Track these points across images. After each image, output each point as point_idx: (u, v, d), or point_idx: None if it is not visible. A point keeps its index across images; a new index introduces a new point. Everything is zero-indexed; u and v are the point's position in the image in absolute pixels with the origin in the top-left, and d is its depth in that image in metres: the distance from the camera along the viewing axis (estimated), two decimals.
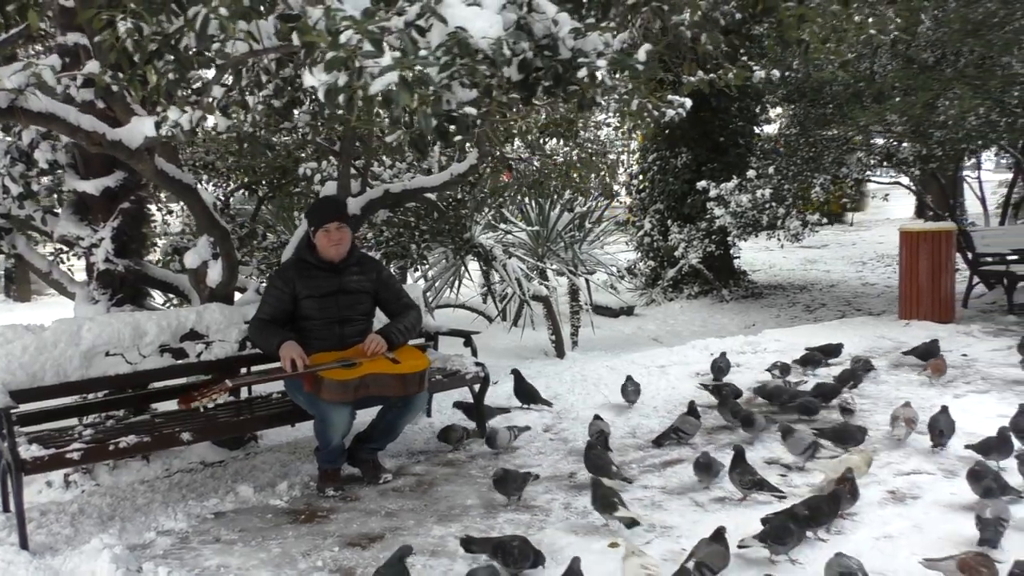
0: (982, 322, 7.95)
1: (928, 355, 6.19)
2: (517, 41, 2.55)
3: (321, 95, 2.09)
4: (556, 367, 7.22)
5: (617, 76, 3.64)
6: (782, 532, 3.23)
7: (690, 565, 3.04)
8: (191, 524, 3.89)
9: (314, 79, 2.10)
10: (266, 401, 4.61)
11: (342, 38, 1.99)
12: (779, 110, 11.44)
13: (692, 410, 4.88)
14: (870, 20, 4.34)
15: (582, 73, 2.70)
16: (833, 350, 6.47)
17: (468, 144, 4.90)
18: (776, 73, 4.54)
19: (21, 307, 12.98)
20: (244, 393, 4.70)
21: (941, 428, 4.47)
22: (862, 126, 7.70)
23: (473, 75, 2.23)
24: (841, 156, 8.60)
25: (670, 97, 4.78)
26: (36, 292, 13.80)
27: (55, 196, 4.98)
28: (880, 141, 8.63)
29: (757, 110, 11.14)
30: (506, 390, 6.00)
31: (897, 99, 7.38)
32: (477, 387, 4.99)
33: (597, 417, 4.85)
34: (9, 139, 4.58)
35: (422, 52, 2.05)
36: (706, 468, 4.05)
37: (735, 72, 4.53)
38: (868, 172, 9.21)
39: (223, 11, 2.19)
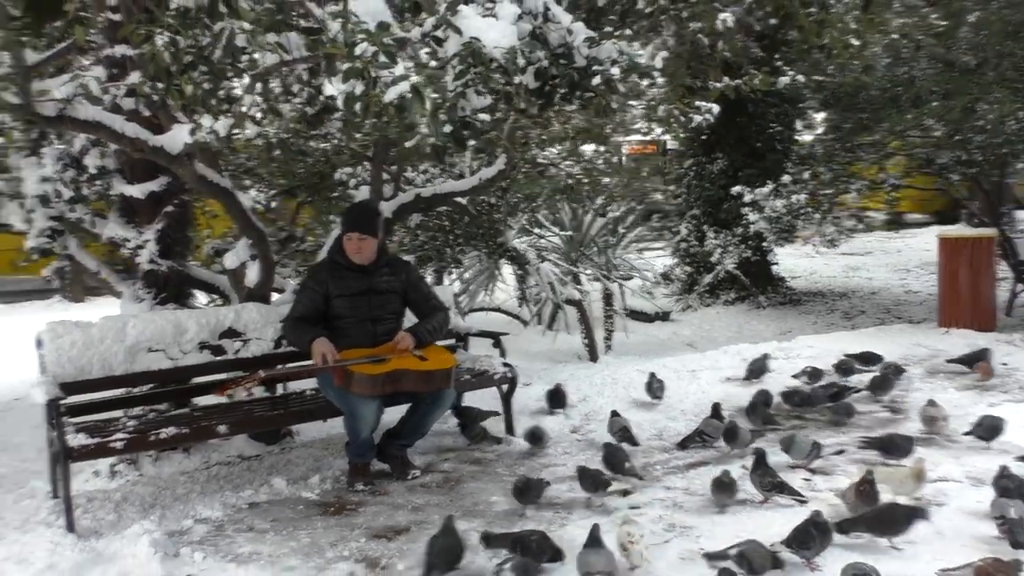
0: None
1: (975, 362, 6.15)
2: (532, 50, 2.66)
3: (340, 103, 2.23)
4: (588, 370, 7.27)
5: (644, 83, 3.74)
6: (805, 537, 3.26)
7: (732, 552, 3.13)
8: (227, 513, 4.06)
9: (334, 88, 2.24)
10: (300, 397, 4.78)
11: (357, 50, 2.12)
12: (823, 115, 11.36)
13: (716, 413, 4.92)
14: (904, 23, 4.35)
15: (596, 80, 2.79)
16: (871, 358, 6.43)
17: (498, 149, 5.02)
18: (801, 78, 4.58)
19: (76, 307, 13.42)
20: (280, 389, 4.88)
21: (983, 422, 4.47)
22: (898, 131, 7.63)
23: (487, 83, 2.34)
24: (878, 161, 8.52)
25: (698, 103, 4.85)
26: (89, 294, 14.28)
27: (104, 200, 5.20)
28: (919, 146, 8.53)
29: (795, 115, 11.05)
30: (534, 393, 6.10)
31: (935, 103, 7.30)
32: (505, 387, 5.10)
33: (615, 414, 4.93)
34: (61, 146, 4.82)
35: (432, 63, 2.16)
36: (727, 488, 3.89)
37: (760, 78, 4.58)
38: (906, 178, 9.10)
39: (246, 25, 2.33)
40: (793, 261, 15.23)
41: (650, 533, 3.61)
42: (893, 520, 3.41)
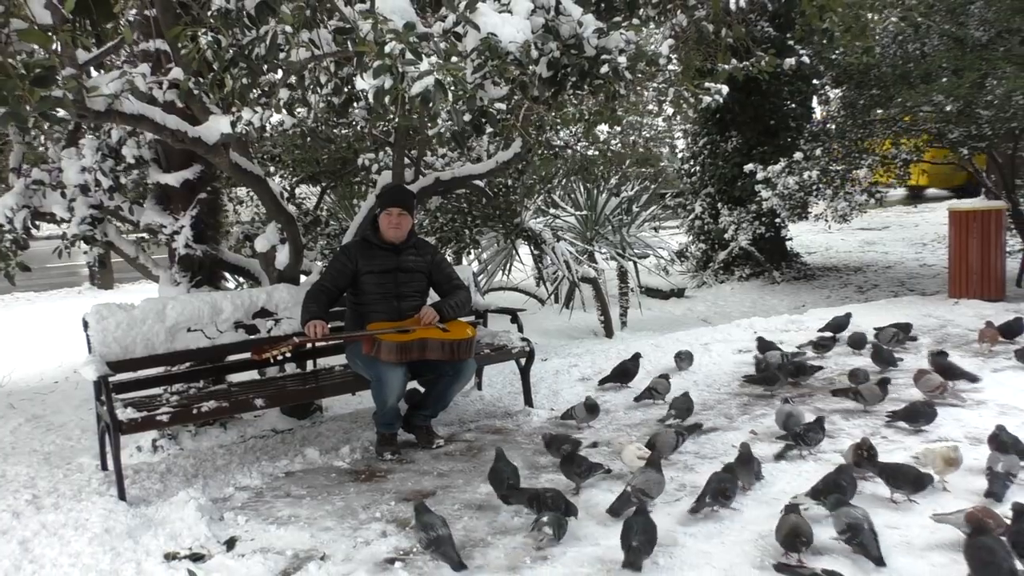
0: None
1: (1012, 333, 6.29)
2: (545, 42, 2.86)
3: (371, 97, 2.44)
4: (603, 346, 7.52)
5: (653, 68, 3.92)
6: (836, 489, 3.44)
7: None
8: (265, 482, 4.33)
9: (365, 83, 2.45)
10: (329, 372, 5.03)
11: (386, 48, 2.33)
12: (837, 92, 11.44)
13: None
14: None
15: (605, 69, 2.99)
16: (840, 324, 6.71)
17: (515, 134, 5.21)
18: (807, 59, 4.73)
19: (105, 295, 13.78)
20: (310, 365, 5.14)
21: None
22: (909, 107, 7.75)
23: (503, 74, 2.54)
24: (890, 137, 8.63)
25: (707, 84, 5.02)
26: (118, 281, 14.65)
27: (140, 188, 5.45)
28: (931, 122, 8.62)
29: (810, 93, 11.14)
30: (552, 367, 6.34)
31: (944, 80, 7.41)
32: (523, 361, 5.33)
33: (663, 376, 5.40)
34: (100, 137, 5.06)
35: (453, 58, 2.37)
36: (747, 462, 3.85)
37: (767, 60, 4.75)
38: (917, 154, 9.22)
39: (288, 28, 2.56)
40: (810, 237, 15.35)
41: (663, 493, 3.84)
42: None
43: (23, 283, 13.29)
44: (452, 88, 2.41)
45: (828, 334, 6.61)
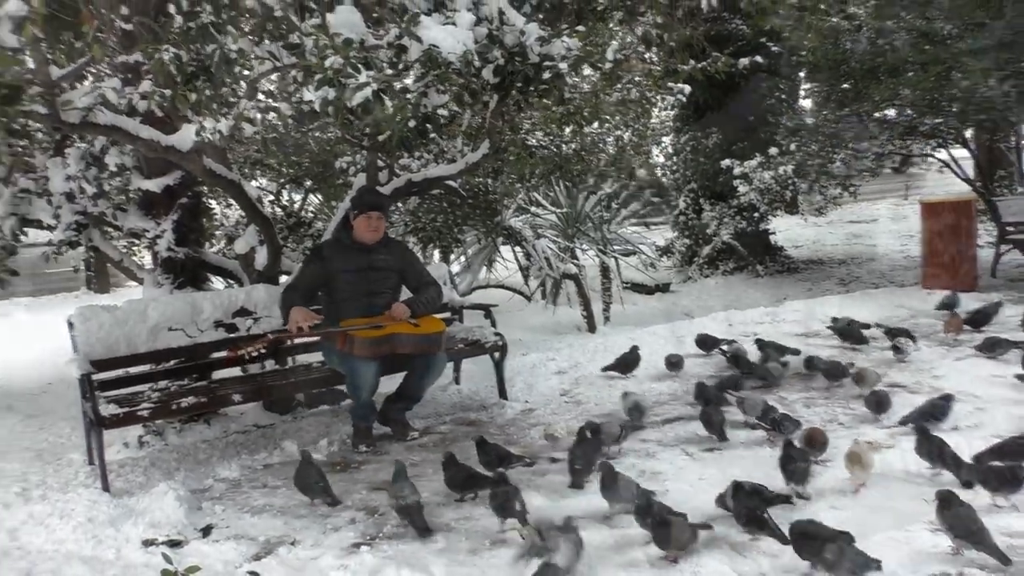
0: (1007, 290, 8.10)
1: (979, 323, 6.47)
2: (489, 50, 3.05)
3: (318, 107, 2.63)
4: (584, 340, 7.69)
5: (599, 72, 4.10)
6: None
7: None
8: (243, 473, 4.52)
9: (311, 94, 2.64)
10: (307, 369, 5.22)
11: (327, 62, 2.52)
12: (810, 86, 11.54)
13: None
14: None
15: (547, 75, 3.17)
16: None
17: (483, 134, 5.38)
18: (760, 59, 4.92)
19: (101, 298, 13.99)
20: (289, 362, 5.33)
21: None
22: (877, 101, 7.92)
23: (444, 83, 2.73)
24: (863, 130, 8.80)
25: (669, 84, 5.21)
26: (114, 284, 14.87)
27: (124, 195, 5.65)
28: (892, 114, 8.78)
29: (788, 88, 11.31)
30: (530, 361, 6.53)
31: (911, 74, 7.57)
32: (497, 355, 5.51)
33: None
34: (83, 146, 5.25)
35: (389, 71, 2.55)
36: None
37: (723, 60, 4.93)
38: (891, 147, 9.38)
39: (233, 46, 2.74)
40: (798, 231, 15.52)
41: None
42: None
43: (23, 289, 13.55)
44: (395, 98, 2.60)
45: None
